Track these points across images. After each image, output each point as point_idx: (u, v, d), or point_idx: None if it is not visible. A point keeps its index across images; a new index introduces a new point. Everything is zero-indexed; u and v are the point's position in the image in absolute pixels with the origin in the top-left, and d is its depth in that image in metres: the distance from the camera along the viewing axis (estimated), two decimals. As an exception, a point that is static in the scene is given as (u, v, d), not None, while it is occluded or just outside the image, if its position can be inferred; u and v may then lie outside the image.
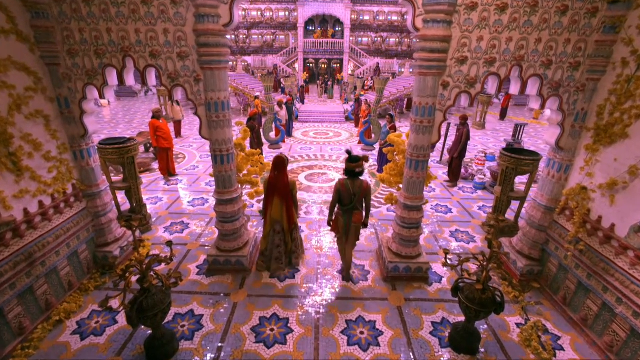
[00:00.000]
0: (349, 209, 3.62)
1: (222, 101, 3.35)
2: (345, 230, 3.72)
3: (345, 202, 3.59)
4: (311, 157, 9.01)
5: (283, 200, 3.77)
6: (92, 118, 3.67)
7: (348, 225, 3.68)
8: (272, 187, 3.76)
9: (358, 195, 3.54)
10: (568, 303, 3.46)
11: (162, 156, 6.85)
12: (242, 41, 25.82)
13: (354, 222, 3.65)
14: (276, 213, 3.81)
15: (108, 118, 15.19)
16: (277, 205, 3.77)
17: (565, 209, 3.57)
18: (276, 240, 3.93)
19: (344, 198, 3.58)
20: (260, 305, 3.56)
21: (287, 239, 3.98)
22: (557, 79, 3.19)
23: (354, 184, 3.53)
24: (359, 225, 3.70)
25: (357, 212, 3.65)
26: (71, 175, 3.59)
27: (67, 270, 3.53)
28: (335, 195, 3.63)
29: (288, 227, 3.91)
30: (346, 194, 3.54)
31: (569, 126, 3.38)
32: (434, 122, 3.37)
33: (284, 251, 4.01)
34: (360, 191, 3.53)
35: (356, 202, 3.57)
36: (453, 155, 6.81)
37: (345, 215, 3.66)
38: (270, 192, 3.79)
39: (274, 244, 3.94)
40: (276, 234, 3.91)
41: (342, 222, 3.70)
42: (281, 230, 3.91)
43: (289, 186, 3.79)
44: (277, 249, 3.96)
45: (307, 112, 15.29)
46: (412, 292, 3.82)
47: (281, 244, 3.95)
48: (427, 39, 3.04)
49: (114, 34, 3.10)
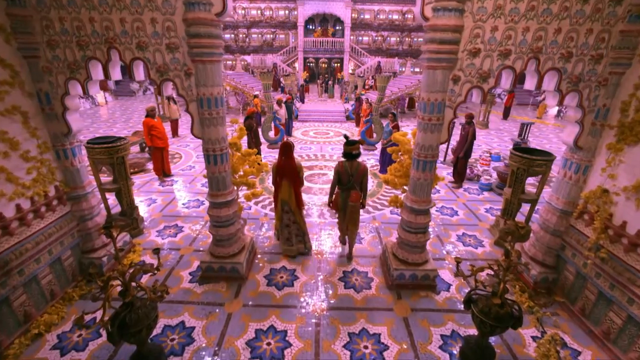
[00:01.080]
0: (347, 188, 3.97)
1: (215, 97, 3.11)
2: (344, 207, 4.04)
3: (344, 182, 3.95)
4: (311, 157, 8.77)
5: (291, 182, 3.98)
6: (77, 115, 3.43)
7: (345, 202, 4.00)
8: (281, 171, 3.96)
9: (355, 176, 3.89)
10: (587, 314, 3.22)
11: (156, 156, 6.61)
12: (242, 40, 25.58)
13: (351, 200, 3.94)
14: (285, 194, 4.02)
15: (105, 117, 14.91)
16: (285, 187, 3.99)
17: (584, 213, 3.33)
18: (285, 219, 4.15)
19: (343, 178, 3.94)
20: (256, 316, 3.32)
21: (297, 218, 4.17)
22: (577, 73, 2.95)
23: (352, 165, 3.88)
24: (357, 205, 3.95)
25: (354, 192, 3.95)
26: (53, 177, 3.35)
27: (49, 278, 3.29)
28: (335, 176, 3.99)
29: (297, 207, 4.11)
30: (345, 175, 3.91)
31: (589, 124, 3.14)
32: (443, 120, 3.12)
33: (294, 232, 4.23)
34: (357, 172, 3.88)
35: (354, 182, 3.92)
36: (458, 155, 6.56)
37: (344, 194, 4.02)
38: (279, 175, 3.99)
39: (283, 224, 4.18)
40: (285, 214, 4.14)
41: (340, 200, 4.06)
42: (289, 210, 4.12)
43: (297, 169, 3.99)
44: (286, 228, 4.21)
45: (307, 112, 15.04)
46: (419, 301, 3.58)
47: (290, 224, 4.18)
48: (436, 29, 2.79)
49: (97, 24, 2.86)
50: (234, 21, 24.99)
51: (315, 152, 9.38)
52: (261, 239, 4.75)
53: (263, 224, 5.15)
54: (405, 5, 25.30)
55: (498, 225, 4.84)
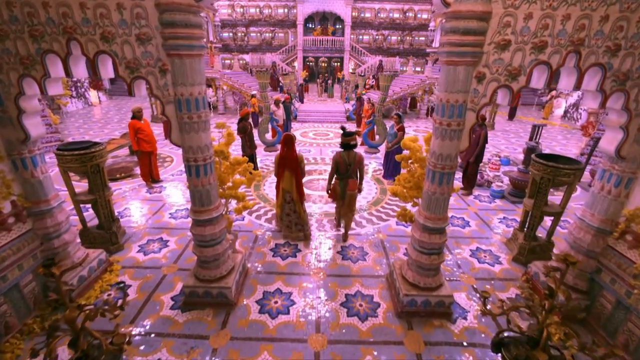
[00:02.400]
0: (345, 177, 4.17)
1: (196, 98, 2.64)
2: (342, 196, 4.25)
3: (342, 172, 4.14)
4: (310, 161, 8.29)
5: (292, 173, 4.16)
6: (36, 119, 2.95)
7: (344, 191, 4.21)
8: (283, 162, 4.15)
9: (353, 165, 4.10)
10: (632, 351, 2.75)
11: (144, 161, 6.13)
12: (241, 39, 25.15)
13: (349, 189, 4.19)
14: (287, 185, 4.22)
15: (98, 117, 14.40)
16: (287, 177, 4.19)
17: (627, 232, 2.87)
18: (286, 209, 4.38)
19: (341, 168, 4.12)
20: (245, 352, 2.85)
21: (298, 208, 4.36)
22: (624, 70, 2.48)
23: (349, 155, 4.09)
24: (354, 193, 4.25)
25: (352, 181, 4.20)
26: (9, 191, 2.88)
27: (4, 309, 2.82)
28: (334, 166, 4.17)
29: (298, 197, 4.30)
30: (342, 164, 4.09)
31: (635, 129, 2.68)
32: (463, 125, 2.66)
33: (294, 221, 4.46)
34: (354, 161, 4.10)
35: (351, 171, 4.14)
36: (469, 159, 6.10)
37: (342, 183, 4.20)
38: (281, 166, 4.18)
39: (285, 212, 4.41)
40: (287, 203, 4.35)
41: (339, 189, 4.25)
42: (291, 200, 4.32)
43: (297, 160, 4.17)
44: (287, 217, 4.45)
45: (307, 112, 14.57)
46: (433, 332, 3.11)
47: (291, 213, 4.41)
48: (459, 16, 2.33)
49: (53, 10, 2.39)
50: (232, 20, 24.55)
51: (315, 155, 8.91)
52: (255, 254, 4.29)
53: (258, 237, 4.69)
54: (406, 4, 24.86)
55: (516, 239, 4.37)
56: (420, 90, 15.07)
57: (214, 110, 15.51)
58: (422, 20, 25.06)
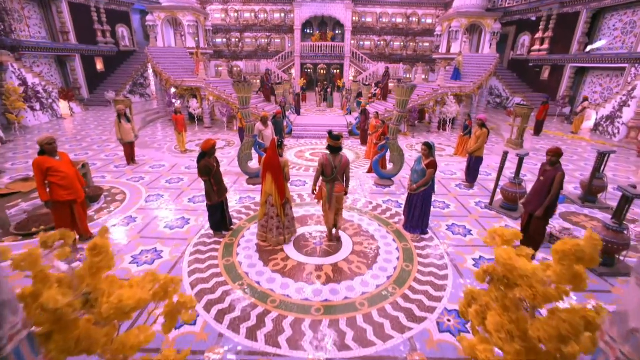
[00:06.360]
0: (331, 179, 4.25)
1: None
2: (329, 198, 4.32)
3: (328, 174, 4.22)
4: (304, 199, 6.33)
5: (274, 177, 4.19)
6: None
7: (331, 193, 4.29)
8: (266, 165, 4.22)
9: (339, 168, 4.18)
10: None
11: (61, 214, 4.17)
12: (235, 45, 23.56)
13: (335, 192, 4.29)
14: (269, 188, 4.28)
15: (69, 132, 12.11)
16: (269, 181, 4.24)
17: None
18: (270, 212, 4.40)
19: (327, 171, 4.21)
20: None
21: (279, 212, 4.38)
22: None
23: (335, 158, 4.17)
24: (341, 194, 4.33)
25: (338, 183, 4.28)
26: None
27: None
28: (319, 168, 4.26)
29: (280, 201, 4.31)
30: (329, 167, 4.18)
31: None
32: None
33: (275, 224, 4.41)
34: (340, 164, 4.17)
35: (337, 174, 4.21)
36: (533, 210, 4.18)
37: (329, 185, 4.29)
38: (264, 169, 4.25)
39: (269, 215, 4.42)
40: (270, 207, 4.37)
41: (325, 191, 4.33)
42: (274, 204, 4.34)
43: (280, 166, 4.18)
44: (270, 220, 4.42)
45: (303, 126, 12.71)
46: None
47: (273, 216, 4.40)
48: None
49: None
50: (226, 25, 22.99)
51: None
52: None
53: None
54: (409, 8, 23.40)
55: None
56: (432, 101, 13.27)
57: (200, 123, 13.67)
58: (426, 25, 23.60)
